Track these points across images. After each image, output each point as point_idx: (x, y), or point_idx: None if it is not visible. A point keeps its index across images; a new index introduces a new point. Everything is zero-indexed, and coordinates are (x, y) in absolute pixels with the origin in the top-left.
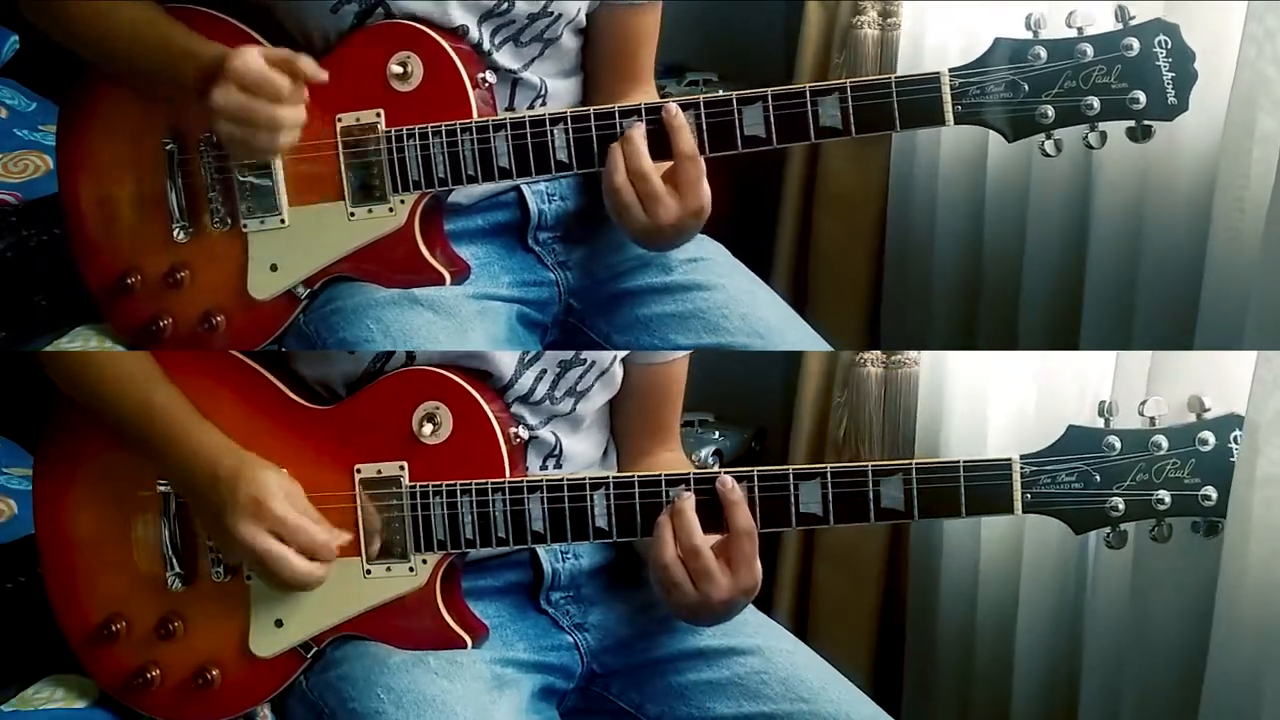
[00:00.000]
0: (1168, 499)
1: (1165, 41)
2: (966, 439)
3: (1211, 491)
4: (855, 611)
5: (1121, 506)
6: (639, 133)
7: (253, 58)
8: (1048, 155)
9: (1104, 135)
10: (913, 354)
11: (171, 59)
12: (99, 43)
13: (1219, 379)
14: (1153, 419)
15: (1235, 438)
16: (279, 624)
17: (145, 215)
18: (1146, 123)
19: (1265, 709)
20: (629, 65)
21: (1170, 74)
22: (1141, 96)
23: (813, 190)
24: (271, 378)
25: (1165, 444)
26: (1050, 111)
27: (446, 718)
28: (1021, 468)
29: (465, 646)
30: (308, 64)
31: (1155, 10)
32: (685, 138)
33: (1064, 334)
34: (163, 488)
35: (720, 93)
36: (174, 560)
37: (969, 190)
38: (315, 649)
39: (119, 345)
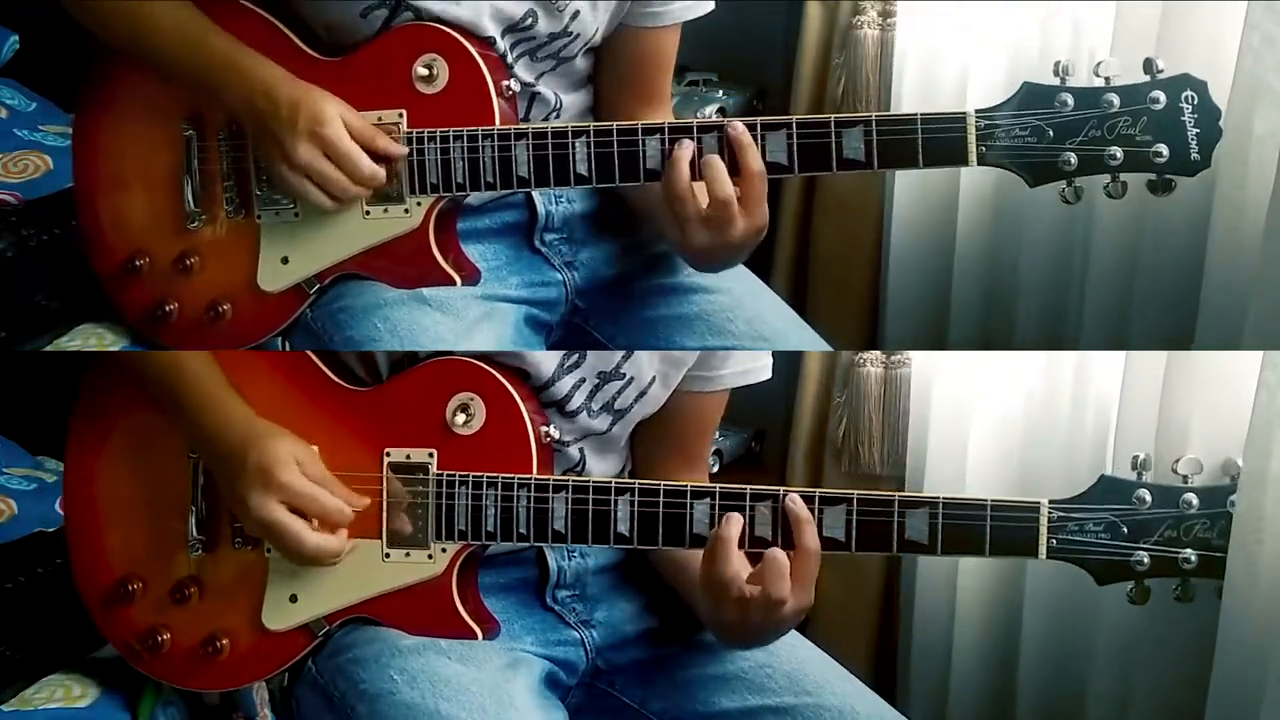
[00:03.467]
0: (1194, 559)
1: (1192, 97)
2: (964, 440)
3: None
4: (855, 613)
5: (1146, 562)
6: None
7: (343, 137)
8: (1067, 202)
9: (1124, 185)
10: (912, 354)
11: (249, 91)
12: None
13: (1221, 380)
14: (1186, 477)
15: None
16: (293, 599)
17: (158, 199)
18: (1168, 176)
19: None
20: (647, 86)
21: (1195, 130)
22: (1165, 150)
23: (812, 195)
24: (313, 357)
25: (1196, 502)
26: (1073, 159)
27: (463, 696)
28: (1049, 512)
29: (475, 638)
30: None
31: (1155, 12)
32: (753, 155)
33: (1063, 335)
34: (193, 455)
35: (729, 115)
36: (196, 526)
37: (967, 192)
38: (326, 629)
39: (121, 343)
